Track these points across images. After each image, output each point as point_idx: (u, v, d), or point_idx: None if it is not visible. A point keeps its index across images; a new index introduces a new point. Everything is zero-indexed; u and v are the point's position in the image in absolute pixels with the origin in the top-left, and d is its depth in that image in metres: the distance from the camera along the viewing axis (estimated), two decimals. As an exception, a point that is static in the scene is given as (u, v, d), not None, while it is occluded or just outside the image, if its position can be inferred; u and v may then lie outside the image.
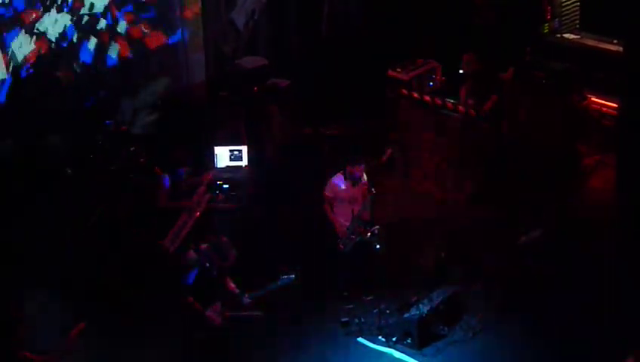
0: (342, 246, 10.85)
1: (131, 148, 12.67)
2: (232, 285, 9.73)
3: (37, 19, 13.06)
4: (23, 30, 12.96)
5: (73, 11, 13.38)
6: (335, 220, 10.95)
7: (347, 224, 10.85)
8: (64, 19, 13.35)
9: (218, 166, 12.14)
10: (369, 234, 10.90)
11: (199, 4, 14.79)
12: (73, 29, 13.49)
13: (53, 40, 13.29)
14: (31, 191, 12.54)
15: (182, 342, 10.15)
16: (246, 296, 9.63)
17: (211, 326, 9.55)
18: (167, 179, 11.07)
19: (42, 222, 12.29)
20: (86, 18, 13.55)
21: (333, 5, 16.21)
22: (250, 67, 14.71)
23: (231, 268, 9.82)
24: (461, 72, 13.26)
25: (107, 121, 12.98)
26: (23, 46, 13.00)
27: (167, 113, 13.70)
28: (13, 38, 12.94)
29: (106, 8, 13.69)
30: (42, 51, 13.17)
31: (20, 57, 12.94)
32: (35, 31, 13.11)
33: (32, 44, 13.07)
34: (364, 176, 10.93)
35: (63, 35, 13.40)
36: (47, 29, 13.19)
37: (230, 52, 15.37)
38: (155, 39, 14.32)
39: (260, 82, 14.40)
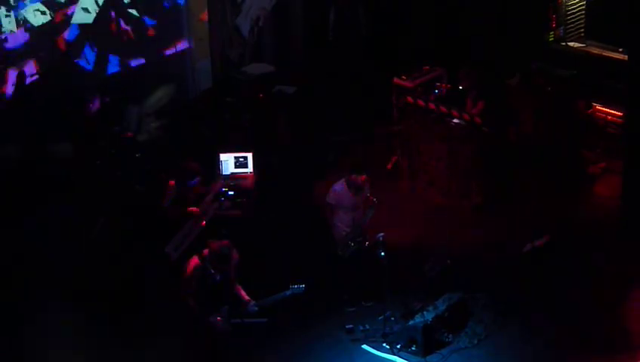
0: (340, 253, 10.89)
1: (137, 155, 12.71)
2: (243, 292, 9.73)
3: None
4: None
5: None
6: (335, 227, 10.98)
7: (347, 231, 10.89)
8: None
9: (223, 173, 12.15)
10: (367, 243, 10.94)
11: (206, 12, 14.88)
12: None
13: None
14: (35, 197, 12.58)
15: (185, 347, 10.18)
16: (253, 303, 9.63)
17: (215, 331, 9.56)
18: (174, 187, 11.07)
19: (46, 227, 12.34)
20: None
21: (339, 13, 16.24)
22: (257, 74, 14.77)
23: (237, 274, 9.84)
24: (460, 88, 13.29)
25: (114, 127, 13.01)
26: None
27: (174, 119, 13.73)
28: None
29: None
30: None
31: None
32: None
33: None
34: (367, 186, 10.96)
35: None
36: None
37: (236, 58, 15.41)
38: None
39: (266, 89, 14.44)
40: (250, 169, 12.24)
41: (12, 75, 13.18)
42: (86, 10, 13.73)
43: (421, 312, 10.59)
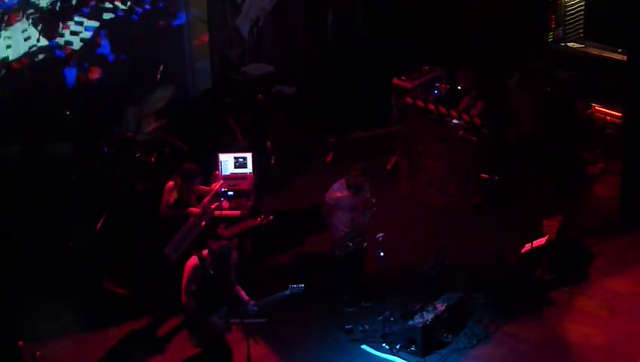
0: (337, 253, 10.90)
1: (137, 155, 12.71)
2: (242, 292, 9.74)
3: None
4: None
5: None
6: (334, 227, 10.99)
7: (345, 231, 10.89)
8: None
9: (223, 173, 12.16)
10: (365, 244, 10.94)
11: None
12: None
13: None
14: (35, 198, 12.59)
15: (185, 348, 10.20)
16: (252, 303, 9.64)
17: (215, 332, 9.57)
18: (173, 188, 11.07)
19: (47, 227, 12.36)
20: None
21: (337, 13, 16.26)
22: (256, 74, 14.78)
23: (237, 274, 9.85)
24: (459, 87, 13.31)
25: (114, 128, 13.01)
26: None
27: (173, 120, 13.71)
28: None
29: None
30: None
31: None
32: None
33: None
34: (367, 186, 10.96)
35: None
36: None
37: (236, 59, 15.43)
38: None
39: (265, 89, 14.45)
40: (249, 169, 12.24)
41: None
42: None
43: (420, 312, 10.61)
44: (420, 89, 13.87)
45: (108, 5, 13.91)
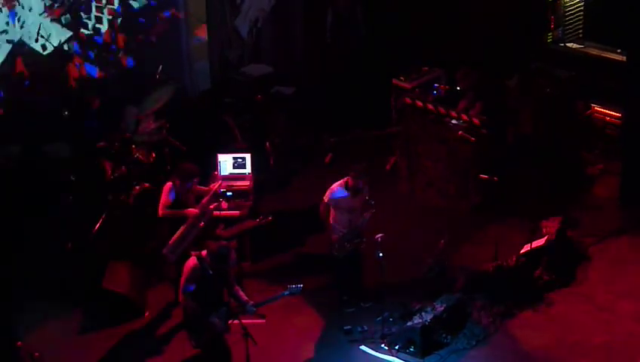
0: (336, 253, 10.90)
1: (135, 155, 12.72)
2: (242, 293, 9.75)
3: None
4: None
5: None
6: (332, 227, 10.98)
7: (344, 231, 10.88)
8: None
9: (222, 173, 12.16)
10: (363, 245, 10.94)
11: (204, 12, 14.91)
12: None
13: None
14: (33, 198, 12.60)
15: (185, 348, 10.21)
16: (251, 303, 9.64)
17: (214, 332, 9.58)
18: (172, 188, 11.07)
19: (46, 228, 12.36)
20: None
21: (337, 14, 16.26)
22: (255, 75, 14.79)
23: (236, 274, 9.85)
24: (458, 88, 13.31)
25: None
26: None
27: (172, 120, 13.73)
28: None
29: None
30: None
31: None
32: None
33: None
34: (366, 188, 10.94)
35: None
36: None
37: (235, 59, 15.44)
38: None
39: (264, 89, 14.46)
40: (248, 170, 12.24)
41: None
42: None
43: (419, 313, 10.61)
44: (419, 89, 13.87)
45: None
